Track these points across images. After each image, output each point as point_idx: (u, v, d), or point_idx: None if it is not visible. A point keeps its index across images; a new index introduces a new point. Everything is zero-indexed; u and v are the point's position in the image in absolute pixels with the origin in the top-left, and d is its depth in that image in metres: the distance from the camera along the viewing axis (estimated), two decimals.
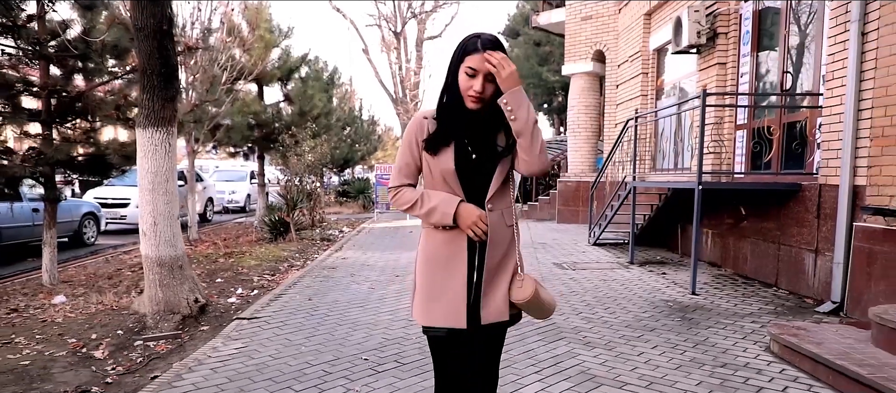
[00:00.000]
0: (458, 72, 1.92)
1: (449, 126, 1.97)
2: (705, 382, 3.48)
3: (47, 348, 4.40)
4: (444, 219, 1.94)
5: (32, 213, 9.53)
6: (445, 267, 2.00)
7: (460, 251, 1.98)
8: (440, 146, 1.97)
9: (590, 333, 4.52)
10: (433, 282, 2.01)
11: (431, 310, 2.01)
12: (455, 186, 1.97)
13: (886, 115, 4.63)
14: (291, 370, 3.74)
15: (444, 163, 1.96)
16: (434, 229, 2.02)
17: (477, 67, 1.88)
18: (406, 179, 2.05)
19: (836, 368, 3.36)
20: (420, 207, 1.99)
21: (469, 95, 1.91)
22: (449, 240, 1.99)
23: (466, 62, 1.89)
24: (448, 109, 1.97)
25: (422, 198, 2.00)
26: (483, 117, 1.95)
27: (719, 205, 7.36)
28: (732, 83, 7.67)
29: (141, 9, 4.08)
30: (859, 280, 4.85)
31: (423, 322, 2.02)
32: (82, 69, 6.92)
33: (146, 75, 4.23)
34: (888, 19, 4.63)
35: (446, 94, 1.98)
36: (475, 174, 1.97)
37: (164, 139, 4.47)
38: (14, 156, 6.45)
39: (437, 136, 1.97)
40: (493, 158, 1.97)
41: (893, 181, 4.56)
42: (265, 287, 6.76)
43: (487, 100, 1.92)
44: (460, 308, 1.97)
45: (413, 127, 2.03)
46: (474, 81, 1.89)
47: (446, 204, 1.94)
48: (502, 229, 2.01)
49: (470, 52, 1.90)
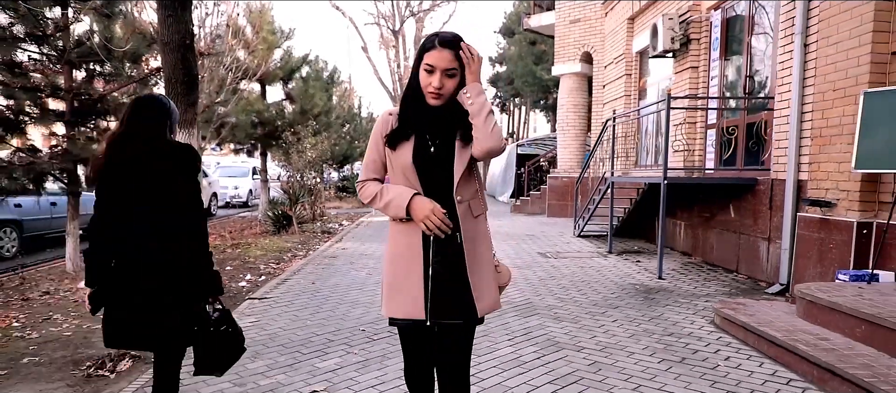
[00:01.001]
0: (418, 71, 2.01)
1: (409, 122, 2.04)
2: (651, 347, 4.10)
3: (84, 323, 5.01)
4: (398, 211, 2.01)
5: (51, 206, 10.13)
6: (405, 260, 2.05)
7: (416, 244, 2.04)
8: (400, 141, 2.04)
9: (560, 310, 5.14)
10: (395, 274, 2.08)
11: (394, 301, 2.07)
12: (413, 180, 2.03)
13: (823, 117, 5.24)
14: (299, 339, 4.36)
15: (403, 157, 2.03)
16: (396, 223, 2.09)
17: (434, 64, 1.95)
18: (372, 174, 2.12)
19: (759, 333, 3.98)
20: (379, 200, 2.06)
21: (429, 91, 1.98)
22: (406, 233, 2.06)
23: (425, 60, 1.96)
24: (409, 106, 2.05)
25: (381, 192, 2.07)
26: (443, 114, 2.02)
27: (691, 199, 7.97)
28: (704, 86, 8.28)
29: (167, 25, 4.68)
30: (801, 264, 5.47)
31: (385, 313, 2.11)
32: (102, 73, 7.52)
33: (171, 83, 4.83)
34: (825, 33, 5.24)
35: (408, 91, 2.06)
36: (434, 167, 2.02)
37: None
38: (42, 153, 7.04)
39: (397, 132, 2.05)
40: (451, 155, 2.03)
41: (828, 176, 5.18)
42: (271, 274, 7.36)
43: (446, 96, 1.99)
44: (418, 300, 2.01)
45: (379, 123, 2.11)
46: (433, 78, 1.95)
47: (400, 197, 2.00)
48: (470, 220, 2.07)
49: (428, 50, 1.97)
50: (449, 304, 2.01)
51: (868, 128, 4.45)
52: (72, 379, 3.73)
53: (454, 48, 1.94)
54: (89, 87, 7.42)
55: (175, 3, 4.69)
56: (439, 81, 1.95)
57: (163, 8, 4.74)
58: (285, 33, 15.30)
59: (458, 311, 2.02)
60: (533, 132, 40.59)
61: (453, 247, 2.02)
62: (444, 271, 2.01)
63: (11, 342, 4.50)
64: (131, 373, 3.81)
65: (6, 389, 3.56)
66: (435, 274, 2.01)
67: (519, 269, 7.08)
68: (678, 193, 7.94)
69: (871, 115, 4.45)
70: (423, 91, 1.98)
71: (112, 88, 7.26)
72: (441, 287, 2.01)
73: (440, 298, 2.01)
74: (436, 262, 2.01)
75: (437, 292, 2.01)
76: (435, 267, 2.01)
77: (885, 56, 4.68)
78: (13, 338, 4.61)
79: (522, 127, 39.08)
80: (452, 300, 2.01)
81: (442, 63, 1.94)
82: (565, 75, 13.77)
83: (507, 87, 32.81)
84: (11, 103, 7.07)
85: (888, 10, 4.64)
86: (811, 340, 3.65)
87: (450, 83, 1.97)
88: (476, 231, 2.08)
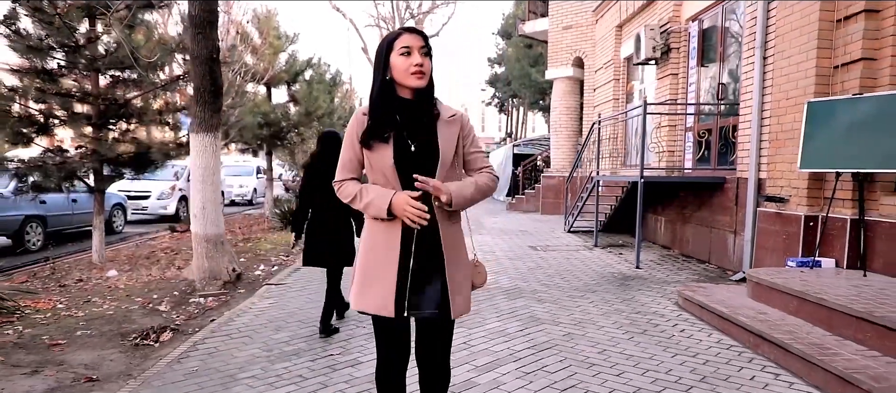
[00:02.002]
0: (388, 63, 2.01)
1: (382, 119, 2.03)
2: (619, 322, 4.75)
3: (122, 305, 5.66)
4: (380, 212, 2.01)
5: (72, 203, 10.77)
6: (382, 256, 2.06)
7: (394, 242, 2.04)
8: (376, 141, 2.03)
9: (544, 294, 5.79)
10: (368, 268, 2.09)
11: (364, 295, 2.08)
12: (393, 180, 2.03)
13: (779, 122, 5.89)
14: (313, 316, 5.00)
15: (384, 158, 2.03)
16: (373, 220, 2.10)
17: (411, 44, 1.98)
18: (349, 174, 2.14)
19: (711, 309, 4.63)
20: (359, 201, 2.08)
21: (412, 72, 1.98)
22: (385, 230, 2.06)
23: (397, 45, 1.99)
24: (379, 103, 2.04)
25: (360, 192, 2.08)
26: (414, 104, 2.05)
27: (671, 197, 8.62)
28: (683, 91, 8.93)
29: (197, 42, 5.30)
30: (761, 253, 6.12)
31: (355, 306, 2.12)
32: (125, 80, 8.15)
33: (199, 92, 5.46)
34: (780, 48, 5.88)
35: (375, 89, 2.06)
36: (414, 167, 2.02)
37: (212, 142, 5.71)
38: (73, 153, 7.68)
39: (370, 131, 2.04)
40: (433, 154, 2.04)
41: (782, 175, 5.83)
42: (282, 264, 8.00)
43: (428, 74, 2.01)
44: (388, 297, 2.03)
45: (354, 124, 2.10)
46: (412, 58, 1.97)
47: (380, 199, 2.01)
48: (447, 220, 2.09)
49: (397, 37, 2.00)
50: (426, 298, 2.05)
51: (810, 132, 5.10)
52: (122, 347, 4.37)
53: (421, 32, 2.04)
54: (114, 93, 8.05)
55: (204, 23, 5.33)
56: (420, 59, 1.97)
57: (193, 26, 5.38)
58: (290, 38, 15.96)
59: (434, 304, 2.06)
60: (531, 132, 41.24)
61: (433, 243, 2.05)
62: (424, 266, 2.05)
63: (62, 319, 5.14)
64: (172, 342, 4.45)
65: (71, 353, 4.20)
66: (415, 268, 2.04)
67: (510, 260, 7.72)
68: (658, 192, 8.60)
69: (813, 122, 5.10)
70: (402, 76, 2.00)
71: (136, 94, 7.88)
72: (419, 282, 2.05)
73: (418, 292, 2.05)
74: (418, 257, 2.04)
75: (416, 286, 2.05)
76: (415, 262, 2.04)
77: (828, 69, 5.32)
78: (62, 316, 5.25)
79: (520, 127, 39.74)
80: (430, 294, 2.05)
81: (417, 42, 1.99)
82: (558, 79, 14.42)
83: (505, 87, 33.46)
84: (43, 107, 7.72)
85: (831, 29, 5.29)
86: (751, 314, 4.30)
87: (428, 62, 2.00)
88: (454, 231, 2.12)
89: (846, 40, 5.14)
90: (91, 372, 3.83)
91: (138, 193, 14.33)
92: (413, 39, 1.99)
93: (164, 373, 3.69)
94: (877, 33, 4.93)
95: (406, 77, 1.98)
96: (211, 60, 5.35)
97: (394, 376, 2.20)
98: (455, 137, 2.09)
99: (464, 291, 2.12)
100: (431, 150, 2.03)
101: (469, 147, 2.17)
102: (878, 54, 4.94)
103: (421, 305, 2.06)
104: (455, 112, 2.14)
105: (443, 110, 2.11)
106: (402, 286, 2.04)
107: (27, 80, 7.50)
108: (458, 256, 2.12)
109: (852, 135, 4.77)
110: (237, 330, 4.62)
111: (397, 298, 2.03)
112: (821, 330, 3.85)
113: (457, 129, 2.11)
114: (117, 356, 4.17)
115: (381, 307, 2.04)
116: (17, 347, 4.31)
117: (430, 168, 2.03)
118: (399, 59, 1.98)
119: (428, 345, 2.16)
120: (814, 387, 3.34)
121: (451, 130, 2.09)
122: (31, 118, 7.70)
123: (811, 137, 5.09)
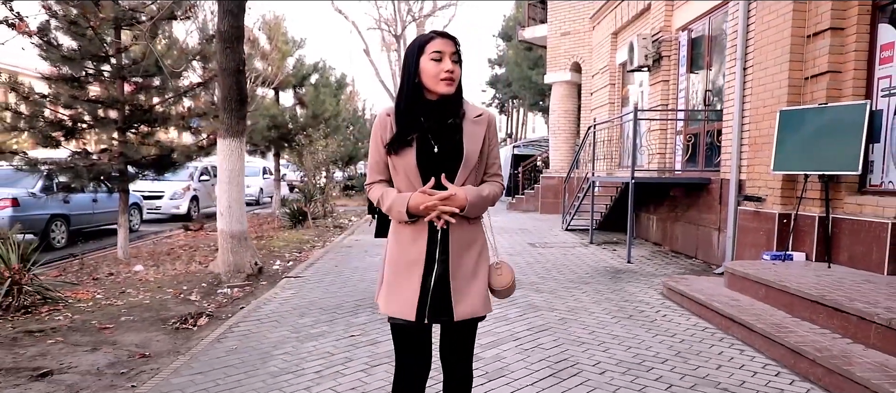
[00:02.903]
0: (418, 66, 1.98)
1: (408, 125, 2.01)
2: (608, 309, 5.28)
3: (155, 295, 6.19)
4: (401, 217, 2.03)
5: (92, 203, 11.30)
6: (407, 261, 2.06)
7: (420, 247, 2.04)
8: (401, 146, 2.02)
9: (541, 285, 6.32)
10: (395, 273, 2.09)
11: (391, 301, 2.09)
12: (417, 183, 2.02)
13: (757, 128, 6.42)
14: (333, 304, 5.53)
15: (406, 160, 2.02)
16: (399, 225, 2.10)
17: (443, 49, 1.95)
18: (378, 176, 2.14)
19: (690, 297, 5.16)
20: (383, 204, 2.09)
21: (442, 79, 1.95)
22: (410, 235, 2.07)
23: (429, 49, 1.96)
24: (406, 109, 2.03)
25: (383, 196, 2.09)
26: (440, 107, 2.02)
27: (662, 197, 9.15)
28: (673, 97, 9.46)
29: (225, 55, 5.83)
30: (741, 249, 6.66)
31: (383, 311, 2.12)
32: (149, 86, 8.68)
33: (226, 101, 5.99)
34: (758, 59, 6.42)
35: (402, 93, 2.04)
36: (438, 169, 2.01)
37: (238, 146, 6.24)
38: (98, 155, 8.21)
39: (397, 138, 2.03)
40: (456, 155, 2.02)
41: (760, 176, 6.36)
42: (297, 260, 8.53)
43: (457, 81, 1.99)
44: (412, 301, 2.03)
45: (378, 125, 2.09)
46: (443, 64, 1.94)
47: (399, 203, 2.02)
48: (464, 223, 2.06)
49: (430, 41, 1.97)
50: (445, 303, 2.05)
51: (782, 138, 5.64)
52: (165, 330, 4.90)
53: (454, 38, 1.99)
54: (138, 98, 8.58)
55: (232, 38, 5.87)
56: (451, 65, 1.95)
57: (222, 42, 5.92)
58: (297, 42, 16.51)
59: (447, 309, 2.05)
60: (531, 132, 41.78)
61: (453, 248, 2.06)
62: (446, 273, 2.05)
63: (104, 308, 5.67)
64: (209, 326, 4.99)
65: (120, 335, 4.73)
66: (438, 276, 2.04)
67: (510, 256, 8.25)
68: (650, 192, 9.14)
69: (784, 128, 5.63)
70: (432, 82, 1.97)
71: (160, 100, 8.41)
72: (441, 288, 2.04)
73: (440, 299, 2.04)
74: (440, 262, 2.04)
75: (438, 293, 2.04)
76: (439, 268, 2.04)
77: (799, 81, 5.86)
78: (103, 305, 5.78)
79: (520, 128, 40.31)
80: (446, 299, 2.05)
81: (449, 48, 1.96)
82: (556, 83, 14.96)
83: (506, 88, 34.04)
84: (73, 112, 8.25)
85: (802, 44, 5.82)
86: (725, 301, 4.84)
87: (458, 69, 1.98)
88: (469, 231, 2.10)
89: (815, 54, 5.67)
90: (142, 350, 4.36)
91: (152, 193, 14.87)
92: (445, 44, 1.96)
93: (207, 350, 4.22)
94: (841, 49, 5.46)
95: (436, 83, 1.96)
96: (238, 72, 5.89)
97: (412, 385, 2.17)
98: (481, 137, 2.07)
99: (471, 293, 2.07)
100: (456, 152, 2.02)
101: (490, 151, 2.15)
102: (842, 68, 5.47)
103: (440, 310, 2.05)
104: (482, 111, 2.12)
105: (469, 110, 2.09)
106: (425, 291, 2.03)
107: (57, 87, 8.03)
108: (467, 256, 2.08)
109: (819, 140, 5.30)
110: (266, 316, 5.15)
111: (419, 303, 2.03)
112: (783, 313, 4.38)
113: (483, 130, 2.08)
114: (162, 337, 4.71)
115: (402, 311, 2.04)
116: (71, 331, 4.84)
117: (453, 170, 2.03)
118: (429, 63, 1.96)
119: (448, 346, 2.16)
120: (772, 360, 3.87)
121: (477, 130, 2.07)
122: (61, 123, 8.23)
123: (783, 142, 5.62)
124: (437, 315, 2.05)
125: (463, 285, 2.06)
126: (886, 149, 5.18)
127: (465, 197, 1.99)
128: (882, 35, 5.25)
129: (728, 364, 3.84)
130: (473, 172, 2.07)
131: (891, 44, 5.14)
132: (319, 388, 3.50)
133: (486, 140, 2.09)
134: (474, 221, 2.11)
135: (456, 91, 2.01)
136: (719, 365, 3.82)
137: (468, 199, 2.00)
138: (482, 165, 2.12)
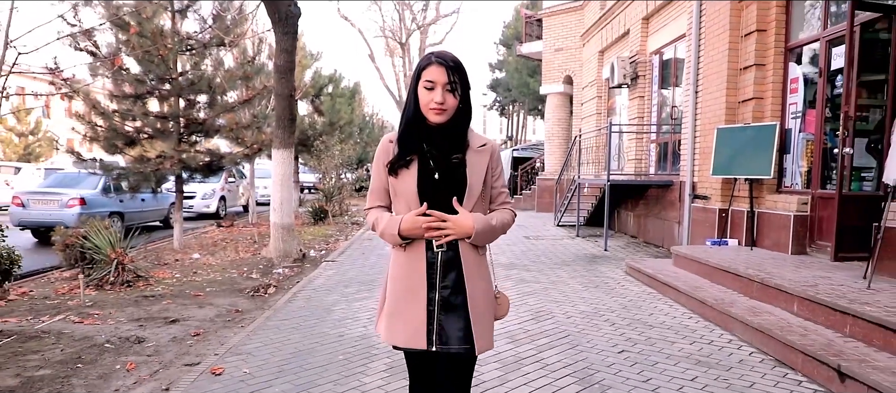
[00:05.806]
0: (417, 90, 1.96)
1: (409, 148, 1.99)
2: (581, 281, 6.85)
3: (223, 274, 7.76)
4: (394, 240, 2.00)
5: (141, 202, 12.89)
6: (407, 286, 2.02)
7: (420, 273, 2.00)
8: (401, 169, 2.00)
9: (531, 266, 7.90)
10: (394, 300, 2.06)
11: (393, 329, 2.05)
12: (415, 207, 1.99)
13: (705, 140, 7.99)
14: (368, 279, 7.10)
15: (406, 183, 2.00)
16: (397, 249, 2.05)
17: (435, 79, 1.91)
18: (377, 201, 2.12)
19: (644, 272, 6.73)
20: (376, 229, 2.06)
21: (431, 109, 1.93)
22: (409, 259, 2.02)
23: (424, 77, 1.93)
24: (408, 132, 2.01)
25: (377, 220, 2.07)
26: (443, 133, 1.98)
27: (638, 196, 10.72)
28: (648, 110, 11.03)
29: (280, 83, 7.38)
30: (693, 237, 8.23)
31: (385, 340, 2.08)
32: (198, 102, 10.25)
33: (280, 120, 7.54)
34: (705, 85, 7.99)
35: (405, 116, 2.02)
36: (438, 194, 1.98)
37: (288, 156, 7.81)
38: (165, 161, 9.79)
39: (397, 160, 2.01)
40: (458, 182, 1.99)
41: (706, 179, 7.93)
42: (328, 249, 10.11)
43: (450, 111, 1.95)
44: (420, 329, 1.99)
45: (380, 151, 2.07)
46: (434, 93, 1.92)
47: (390, 227, 2.00)
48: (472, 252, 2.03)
49: (425, 67, 1.94)
50: (452, 331, 2.00)
51: (718, 149, 7.20)
52: (244, 296, 6.48)
53: (451, 65, 1.93)
54: (193, 113, 10.16)
55: (286, 70, 7.45)
56: (441, 96, 1.92)
57: (277, 72, 7.50)
58: (314, 56, 18.11)
59: (459, 339, 2.00)
60: (531, 134, 43.35)
61: (457, 274, 2.01)
62: (448, 298, 2.00)
63: (185, 283, 7.24)
64: (277, 294, 6.56)
65: (213, 299, 6.31)
66: (441, 301, 2.00)
67: (508, 245, 9.82)
68: (628, 192, 10.70)
69: (719, 142, 7.20)
70: (424, 110, 1.96)
71: (213, 114, 10.00)
72: (444, 313, 2.00)
73: (445, 326, 2.00)
74: (442, 288, 2.00)
75: (442, 320, 2.00)
76: (441, 294, 2.00)
77: (735, 103, 7.43)
78: (184, 282, 7.36)
79: (520, 130, 41.89)
80: (455, 327, 2.00)
81: (442, 78, 1.92)
82: (551, 94, 16.54)
83: (506, 92, 35.57)
84: (139, 124, 9.83)
85: (736, 75, 7.39)
86: (668, 274, 6.40)
87: (451, 99, 1.94)
88: (479, 262, 2.06)
89: (744, 84, 7.24)
90: (235, 308, 5.94)
91: (186, 194, 16.44)
92: (439, 73, 1.92)
93: (283, 307, 5.79)
94: (763, 79, 7.03)
95: (426, 111, 1.96)
96: (289, 97, 7.44)
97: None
98: (484, 168, 2.04)
99: (486, 325, 2.06)
100: (457, 178, 2.00)
101: (494, 181, 2.12)
102: (764, 95, 7.03)
103: (448, 339, 2.00)
104: (486, 141, 2.09)
105: (473, 139, 2.06)
106: (430, 318, 2.00)
107: (125, 104, 9.60)
108: (481, 287, 2.05)
109: (744, 151, 6.87)
110: (319, 286, 6.73)
111: (428, 331, 2.00)
112: (705, 280, 5.95)
113: (486, 159, 2.05)
114: (244, 301, 6.28)
115: (411, 340, 2.01)
116: (174, 297, 6.42)
117: (453, 197, 2.00)
118: (423, 91, 1.95)
119: (447, 376, 2.08)
120: (687, 309, 5.45)
121: (480, 159, 2.04)
122: (126, 134, 9.81)
123: (719, 153, 7.20)
124: (445, 343, 2.01)
125: (480, 318, 2.03)
126: (793, 158, 6.76)
127: (472, 224, 1.98)
128: (791, 71, 6.82)
129: (657, 312, 5.41)
130: (479, 202, 2.05)
131: (796, 78, 6.72)
132: (370, 328, 5.07)
133: (489, 170, 2.07)
134: (481, 250, 2.09)
135: (459, 121, 2.01)
136: (651, 313, 5.40)
137: (475, 227, 1.98)
138: (487, 195, 2.10)
